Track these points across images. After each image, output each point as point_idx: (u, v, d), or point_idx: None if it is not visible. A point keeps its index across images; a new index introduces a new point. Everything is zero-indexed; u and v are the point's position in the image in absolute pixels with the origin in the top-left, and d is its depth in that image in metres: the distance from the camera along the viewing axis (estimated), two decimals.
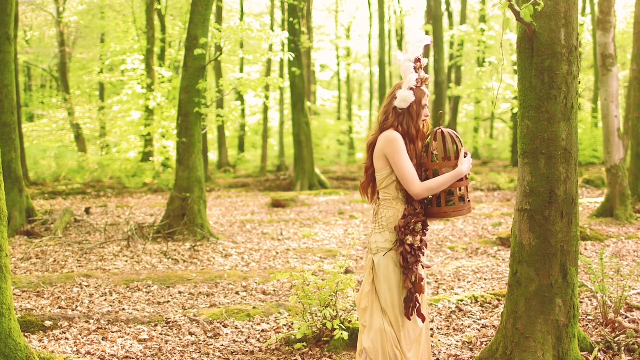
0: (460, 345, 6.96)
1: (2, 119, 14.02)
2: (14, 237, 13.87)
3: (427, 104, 4.88)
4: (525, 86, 5.48)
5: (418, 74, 4.85)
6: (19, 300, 8.94)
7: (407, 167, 4.66)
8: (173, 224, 13.99)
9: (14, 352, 5.44)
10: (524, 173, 5.51)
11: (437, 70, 27.10)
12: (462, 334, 7.32)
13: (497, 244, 12.80)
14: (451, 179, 4.68)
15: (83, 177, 28.47)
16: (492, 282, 9.94)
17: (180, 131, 14.07)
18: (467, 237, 13.93)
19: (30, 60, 39.90)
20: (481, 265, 11.11)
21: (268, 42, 14.60)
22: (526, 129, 5.47)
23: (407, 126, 4.77)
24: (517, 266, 5.55)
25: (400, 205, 4.80)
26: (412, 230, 4.73)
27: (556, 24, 5.32)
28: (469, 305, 8.46)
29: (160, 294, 9.37)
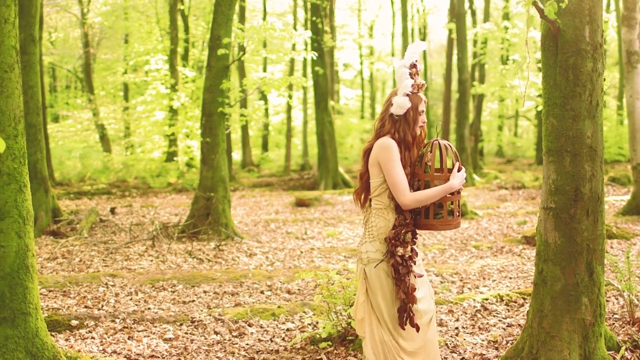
0: (486, 344, 6.93)
1: (28, 120, 14.11)
2: (40, 237, 13.96)
3: (424, 110, 4.85)
4: (550, 84, 5.45)
5: (414, 79, 4.82)
6: (46, 299, 8.99)
7: (398, 176, 4.64)
8: (197, 223, 14.02)
9: (41, 351, 5.48)
10: (548, 171, 5.49)
11: (461, 69, 26.95)
12: (487, 333, 7.30)
13: (522, 243, 12.74)
14: (441, 192, 4.65)
15: (108, 177, 28.61)
16: (518, 280, 9.90)
17: (204, 131, 14.11)
18: (492, 235, 13.88)
19: (55, 61, 40.14)
20: (506, 263, 11.07)
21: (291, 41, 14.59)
22: (551, 126, 5.44)
23: (404, 133, 4.75)
24: (542, 264, 5.53)
25: (391, 215, 4.76)
26: (402, 241, 4.68)
27: (580, 21, 5.29)
28: (494, 304, 8.43)
29: (185, 293, 9.40)
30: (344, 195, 22.15)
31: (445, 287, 9.45)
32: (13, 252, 5.40)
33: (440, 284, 9.74)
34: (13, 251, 5.40)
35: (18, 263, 5.43)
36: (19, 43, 5.58)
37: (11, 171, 5.40)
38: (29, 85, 14.27)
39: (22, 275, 5.46)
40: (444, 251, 12.41)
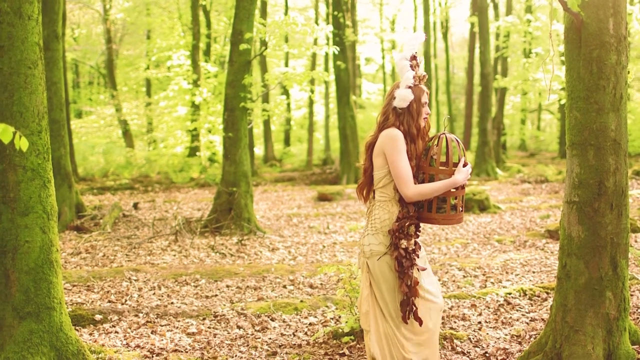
0: (509, 338, 6.92)
1: (51, 116, 14.19)
2: (64, 232, 14.05)
3: (427, 102, 4.83)
4: (573, 77, 5.41)
5: (415, 71, 4.80)
6: (70, 294, 9.05)
7: (403, 167, 4.61)
8: (220, 218, 14.06)
9: (65, 346, 5.51)
10: (572, 165, 5.45)
11: (483, 62, 26.83)
12: (510, 327, 7.27)
13: (546, 237, 12.69)
14: (445, 187, 4.63)
15: (131, 172, 28.73)
16: (541, 274, 9.86)
17: (226, 126, 14.13)
18: (515, 229, 13.83)
19: (78, 57, 40.34)
20: (529, 258, 11.02)
21: (312, 36, 14.55)
22: (574, 120, 5.41)
23: (408, 125, 4.73)
24: (566, 259, 5.50)
25: (395, 208, 4.73)
26: (405, 234, 4.65)
27: (604, 13, 5.25)
28: (517, 298, 8.40)
29: (208, 288, 9.43)
30: None
31: (468, 282, 9.43)
32: (37, 247, 5.44)
33: (463, 278, 9.72)
34: (37, 246, 5.44)
35: (42, 258, 5.47)
36: (42, 40, 5.62)
37: (35, 167, 5.44)
38: (53, 82, 14.35)
39: (47, 270, 5.49)
40: (467, 245, 12.37)
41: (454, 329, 7.25)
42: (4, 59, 5.32)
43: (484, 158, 25.84)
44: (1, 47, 5.32)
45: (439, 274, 10.00)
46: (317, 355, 6.53)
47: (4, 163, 5.34)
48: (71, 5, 34.07)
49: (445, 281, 9.58)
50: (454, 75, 52.35)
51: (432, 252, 11.86)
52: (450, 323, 7.50)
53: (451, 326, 7.38)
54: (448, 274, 10.00)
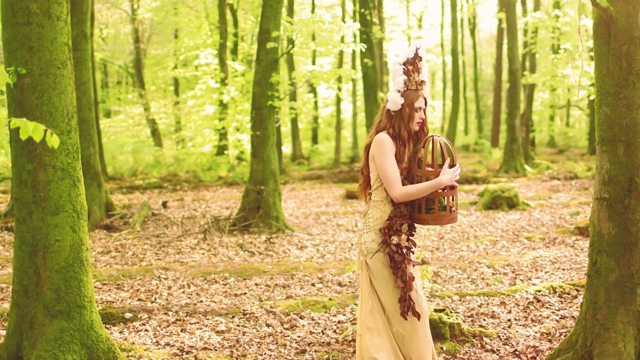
0: (539, 336, 6.88)
1: (81, 116, 14.29)
2: (94, 231, 14.13)
3: (421, 107, 4.90)
4: (603, 72, 5.37)
5: (410, 76, 4.88)
6: (100, 292, 9.11)
7: (388, 169, 4.74)
8: (248, 216, 14.09)
9: (96, 344, 5.55)
10: (602, 161, 5.41)
11: (511, 58, 26.66)
12: (540, 325, 7.24)
13: (575, 234, 12.60)
14: (430, 188, 4.71)
15: (159, 171, 28.86)
16: (571, 272, 9.80)
17: (254, 124, 14.16)
18: (544, 226, 13.75)
19: (106, 57, 40.58)
20: (559, 255, 10.96)
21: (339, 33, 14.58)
22: (604, 116, 5.37)
23: (398, 128, 4.84)
24: (596, 256, 5.46)
25: (387, 207, 4.85)
26: (396, 231, 4.77)
27: (633, 8, 5.20)
28: (547, 295, 8.36)
29: (237, 286, 9.45)
30: None
31: (497, 279, 9.40)
32: (68, 246, 5.48)
33: (492, 275, 9.68)
34: (68, 245, 5.48)
35: (73, 257, 5.51)
36: (71, 40, 5.66)
37: (65, 166, 5.48)
38: (82, 82, 14.45)
39: (77, 268, 5.53)
40: (496, 243, 12.32)
41: (484, 327, 7.23)
42: (34, 60, 5.37)
43: (513, 155, 25.69)
44: (31, 47, 5.36)
45: (468, 271, 9.97)
46: (346, 353, 6.53)
47: (35, 163, 5.38)
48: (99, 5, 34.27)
49: (474, 279, 9.55)
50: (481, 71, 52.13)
51: (460, 250, 11.83)
52: (479, 321, 7.47)
53: (480, 324, 7.36)
54: (477, 271, 9.96)
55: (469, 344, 6.62)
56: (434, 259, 11.06)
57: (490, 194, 16.50)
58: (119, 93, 46.49)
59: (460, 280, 9.52)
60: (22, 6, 5.35)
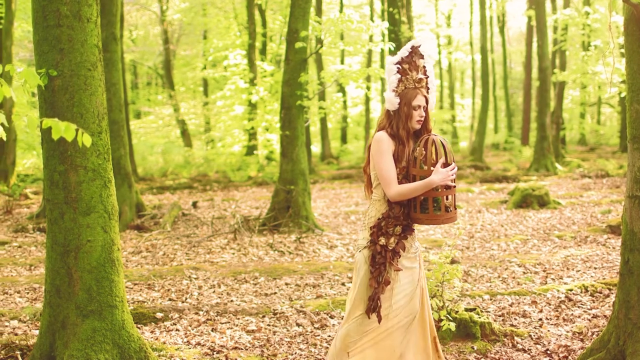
0: (571, 335, 6.83)
1: (111, 117, 14.38)
2: (125, 231, 14.22)
3: (420, 105, 4.86)
4: (634, 69, 5.33)
5: (407, 75, 4.87)
6: (131, 292, 9.16)
7: (384, 168, 4.74)
8: (278, 216, 14.11)
9: (128, 343, 5.58)
10: (634, 158, 5.37)
11: (541, 56, 26.47)
12: (572, 324, 7.19)
13: (607, 232, 12.50)
14: (423, 187, 4.66)
15: (189, 171, 28.98)
16: (603, 270, 9.72)
17: (283, 124, 14.18)
18: (576, 225, 13.65)
19: (136, 58, 40.82)
20: (590, 253, 10.88)
21: (368, 33, 14.52)
22: (635, 113, 5.32)
23: (397, 127, 4.83)
24: (628, 254, 5.41)
25: (384, 207, 4.85)
26: (385, 232, 4.77)
27: None
28: (578, 294, 8.30)
29: (267, 286, 9.47)
30: None
31: (528, 278, 9.34)
32: (99, 247, 5.52)
33: (523, 274, 9.63)
34: (99, 245, 5.52)
35: (104, 257, 5.54)
36: (101, 41, 5.69)
37: (96, 167, 5.52)
38: (112, 83, 14.54)
39: (108, 268, 5.57)
40: (527, 241, 12.25)
41: (515, 326, 7.19)
42: (64, 62, 5.41)
43: (543, 153, 25.53)
44: (61, 49, 5.40)
45: (499, 270, 9.93)
46: None
47: (66, 164, 5.42)
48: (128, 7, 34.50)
49: (505, 278, 9.50)
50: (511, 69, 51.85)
51: (491, 249, 11.78)
52: (510, 320, 7.44)
53: (511, 323, 7.32)
54: (508, 270, 9.92)
55: (500, 344, 6.59)
56: (465, 258, 11.02)
57: (521, 193, 16.41)
58: (148, 94, 46.77)
59: (491, 279, 9.47)
60: (52, 9, 5.39)
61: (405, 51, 4.90)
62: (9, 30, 20.68)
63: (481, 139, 31.73)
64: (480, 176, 24.30)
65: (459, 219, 15.03)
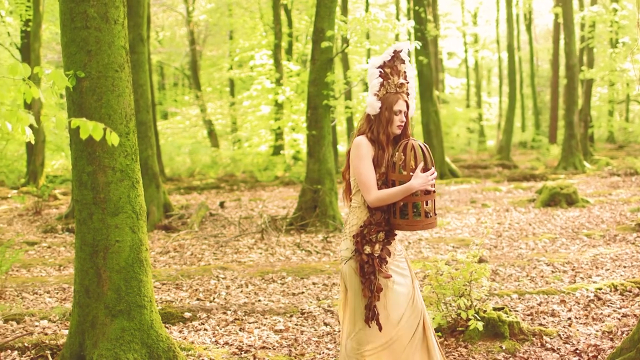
0: (600, 334, 6.79)
1: (138, 118, 14.45)
2: (153, 231, 14.28)
3: (401, 110, 4.77)
4: None
5: (389, 79, 4.79)
6: (159, 292, 9.21)
7: (364, 174, 4.65)
8: (305, 215, 14.12)
9: (156, 343, 5.61)
10: None
11: (568, 54, 26.30)
12: (601, 323, 7.14)
13: (636, 230, 12.40)
14: (402, 192, 4.58)
15: (216, 171, 29.07)
16: (632, 269, 9.64)
17: (309, 124, 14.18)
18: (604, 223, 13.55)
19: (162, 59, 41.00)
20: (620, 252, 10.79)
21: (394, 31, 14.48)
22: None
23: (377, 132, 4.74)
24: None
25: (364, 214, 4.75)
26: (369, 240, 4.67)
27: None
28: (608, 293, 8.24)
29: (295, 285, 9.48)
30: (451, 185, 21.97)
31: (557, 277, 9.29)
32: (127, 247, 5.55)
33: (552, 273, 9.57)
34: (127, 246, 5.55)
35: (132, 257, 5.57)
36: (128, 43, 5.72)
37: (124, 168, 5.54)
38: (139, 84, 14.61)
39: (137, 269, 5.60)
40: (555, 240, 12.18)
41: (543, 325, 7.15)
42: (92, 63, 5.44)
43: (571, 151, 25.38)
44: (89, 51, 5.44)
45: (527, 269, 9.87)
46: None
47: (94, 165, 5.46)
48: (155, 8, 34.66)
49: (533, 277, 9.45)
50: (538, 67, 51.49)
51: (519, 248, 11.72)
52: (539, 319, 7.40)
53: (540, 322, 7.28)
54: (536, 269, 9.86)
55: (528, 343, 6.56)
56: (492, 257, 10.98)
57: (549, 191, 16.31)
58: (175, 95, 46.95)
59: (519, 278, 9.43)
60: (80, 10, 5.43)
61: (387, 55, 4.82)
62: (37, 32, 20.86)
63: (508, 138, 31.60)
64: (508, 175, 24.21)
65: (484, 218, 14.97)
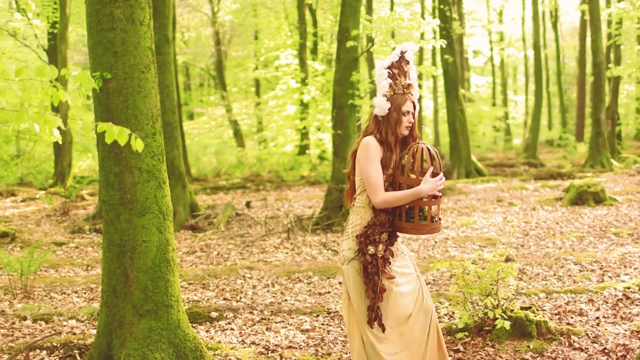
0: (629, 334, 6.73)
1: (165, 118, 14.51)
2: (179, 231, 14.35)
3: (410, 111, 4.81)
4: None
5: (397, 80, 4.81)
6: (186, 292, 9.24)
7: (371, 174, 4.64)
8: (331, 215, 14.12)
9: (183, 342, 5.63)
10: None
11: (595, 51, 26.12)
12: (630, 323, 7.08)
13: None
14: (410, 196, 4.60)
15: (242, 171, 29.14)
16: None
17: (335, 123, 14.19)
18: (633, 222, 13.44)
19: (188, 60, 41.16)
20: None
21: (419, 30, 14.45)
22: None
23: (385, 133, 4.75)
24: None
25: (368, 214, 4.75)
26: (372, 240, 4.66)
27: None
28: (636, 292, 8.17)
29: (321, 285, 9.48)
30: (478, 184, 21.88)
31: (585, 276, 9.23)
32: (154, 247, 5.57)
33: (579, 272, 9.51)
34: (154, 246, 5.57)
35: (159, 257, 5.60)
36: (154, 44, 5.75)
37: (150, 168, 5.57)
38: (165, 85, 14.68)
39: (164, 268, 5.62)
40: (582, 239, 12.10)
41: (571, 325, 7.11)
42: (118, 64, 5.47)
43: (598, 149, 25.20)
44: (115, 52, 5.47)
45: (554, 268, 9.82)
46: None
47: (121, 165, 5.49)
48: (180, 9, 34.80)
49: (561, 276, 9.40)
50: (564, 65, 51.19)
51: (546, 247, 11.65)
52: (566, 318, 7.35)
53: (568, 321, 7.23)
54: (563, 268, 9.80)
55: (556, 342, 6.52)
56: (519, 256, 10.92)
57: (576, 190, 16.20)
58: (201, 95, 47.13)
59: (547, 277, 9.37)
60: (106, 12, 5.46)
61: (395, 56, 4.84)
62: (64, 34, 21.02)
63: (535, 136, 31.44)
64: (535, 173, 24.09)
65: (511, 216, 14.90)
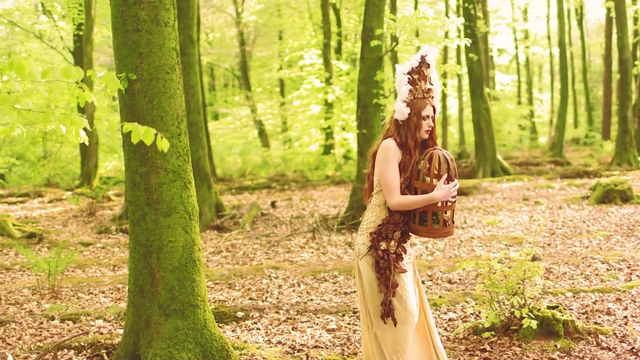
0: None
1: (190, 119, 14.55)
2: (205, 231, 14.39)
3: (429, 115, 4.89)
4: None
5: (417, 85, 4.90)
6: (212, 292, 9.27)
7: (389, 177, 4.76)
8: (356, 214, 14.10)
9: (210, 342, 5.65)
10: None
11: (621, 48, 25.94)
12: None
13: None
14: (423, 201, 4.72)
15: (267, 171, 29.19)
16: None
17: (359, 123, 14.17)
18: None
19: (212, 60, 41.27)
20: None
21: (443, 29, 14.41)
22: None
23: (405, 137, 4.85)
24: None
25: (383, 213, 4.87)
26: (385, 237, 4.78)
27: None
28: None
29: (347, 284, 9.48)
30: (503, 183, 21.78)
31: (612, 275, 9.16)
32: (180, 247, 5.59)
33: (607, 271, 9.45)
34: (180, 246, 5.60)
35: (185, 257, 5.62)
36: (179, 45, 5.77)
37: (176, 169, 5.59)
38: (190, 85, 14.73)
39: (190, 268, 5.64)
40: (610, 238, 12.01)
41: (599, 324, 7.06)
42: (143, 65, 5.50)
43: (625, 147, 25.02)
44: (140, 54, 5.49)
45: (581, 267, 9.76)
46: (458, 350, 6.48)
47: (147, 166, 5.51)
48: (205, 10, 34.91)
49: (588, 275, 9.33)
50: (590, 63, 50.84)
51: (572, 245, 11.58)
52: (594, 318, 7.30)
53: (595, 321, 7.19)
54: (590, 267, 9.74)
55: (583, 342, 6.48)
56: (546, 255, 10.86)
57: (603, 188, 16.09)
58: (226, 95, 47.25)
59: (573, 276, 9.32)
60: (131, 14, 5.49)
61: (415, 61, 4.93)
62: (89, 36, 21.16)
63: (561, 134, 31.26)
64: (561, 172, 23.95)
65: (537, 215, 14.81)
